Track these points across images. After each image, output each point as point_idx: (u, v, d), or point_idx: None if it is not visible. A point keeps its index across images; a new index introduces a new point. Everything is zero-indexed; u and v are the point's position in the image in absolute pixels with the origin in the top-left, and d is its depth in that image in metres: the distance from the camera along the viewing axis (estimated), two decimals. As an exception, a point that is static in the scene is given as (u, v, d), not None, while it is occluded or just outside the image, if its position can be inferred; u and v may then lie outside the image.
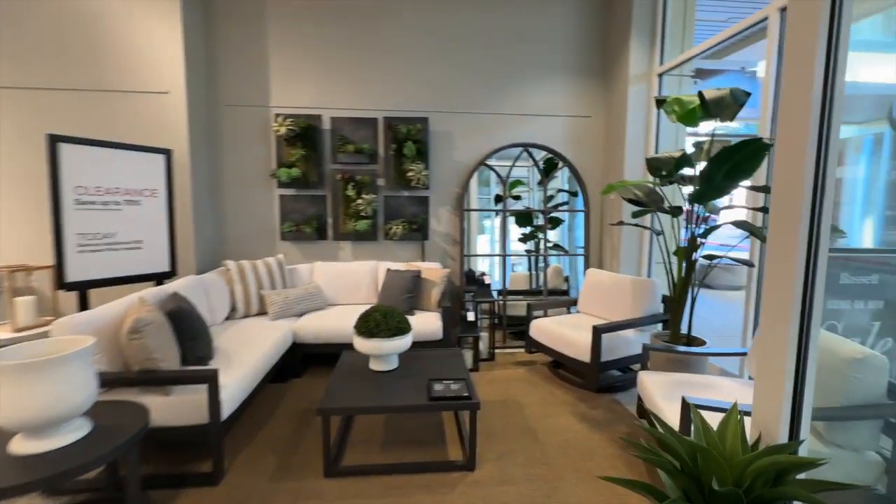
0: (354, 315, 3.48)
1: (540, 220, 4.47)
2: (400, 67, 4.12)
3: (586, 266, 4.30)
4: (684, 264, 2.74)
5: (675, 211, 2.83)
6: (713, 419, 1.48)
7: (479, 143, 4.25)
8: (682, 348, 2.57)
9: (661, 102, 2.83)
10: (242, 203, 4.10)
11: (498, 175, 4.26)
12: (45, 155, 2.75)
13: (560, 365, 3.64)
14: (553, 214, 4.41)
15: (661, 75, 3.82)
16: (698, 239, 2.70)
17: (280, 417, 2.75)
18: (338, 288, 3.94)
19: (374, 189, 4.12)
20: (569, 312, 4.15)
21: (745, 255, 2.77)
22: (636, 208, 3.02)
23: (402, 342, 2.51)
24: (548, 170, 4.35)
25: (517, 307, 4.29)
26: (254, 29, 3.95)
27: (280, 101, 4.03)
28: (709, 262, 2.66)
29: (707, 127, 2.75)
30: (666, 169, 2.77)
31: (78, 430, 1.59)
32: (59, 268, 2.77)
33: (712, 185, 2.48)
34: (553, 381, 3.41)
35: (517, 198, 4.47)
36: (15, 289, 3.23)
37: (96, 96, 3.52)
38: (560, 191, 4.56)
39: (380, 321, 2.47)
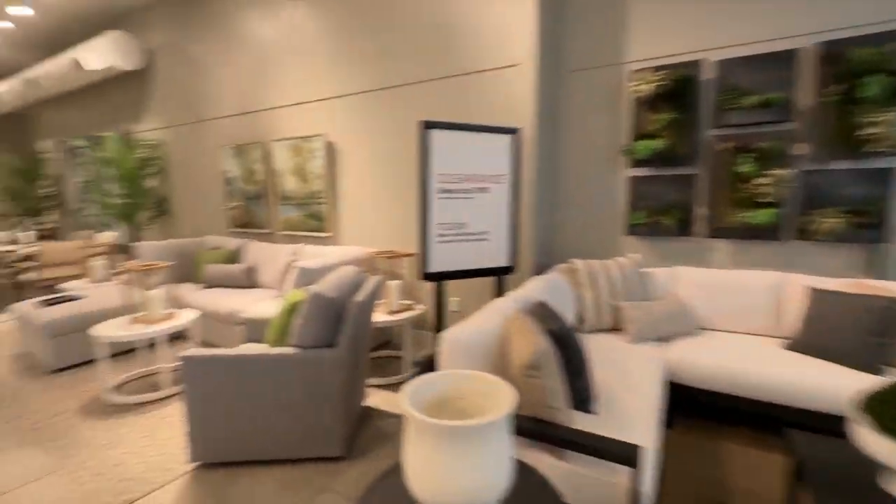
0: (751, 349, 2.26)
1: None
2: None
3: None
4: None
5: None
6: None
7: None
8: None
9: None
10: (580, 188, 3.41)
11: None
12: (416, 143, 2.69)
13: None
14: None
15: None
16: None
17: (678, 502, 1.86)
18: (713, 307, 2.76)
19: (786, 161, 2.68)
20: None
21: None
22: None
23: None
24: None
25: None
26: (611, -34, 3.12)
27: (640, 53, 3.08)
28: None
29: None
30: None
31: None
32: (423, 257, 2.71)
33: None
34: None
35: None
36: (383, 272, 3.54)
37: (450, 82, 3.45)
38: None
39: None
